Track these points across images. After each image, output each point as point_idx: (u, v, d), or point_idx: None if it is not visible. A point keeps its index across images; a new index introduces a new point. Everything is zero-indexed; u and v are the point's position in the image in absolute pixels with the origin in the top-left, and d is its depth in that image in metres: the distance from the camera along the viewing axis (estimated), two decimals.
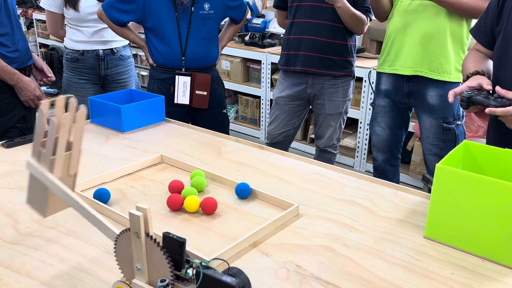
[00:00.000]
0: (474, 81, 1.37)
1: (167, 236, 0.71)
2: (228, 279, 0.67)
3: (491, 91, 1.31)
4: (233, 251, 0.97)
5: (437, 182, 0.99)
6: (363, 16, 2.22)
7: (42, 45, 5.58)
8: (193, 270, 0.71)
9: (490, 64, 1.51)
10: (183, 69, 2.14)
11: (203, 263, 0.71)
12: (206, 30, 2.13)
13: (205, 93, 2.15)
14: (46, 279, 0.89)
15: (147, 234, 0.70)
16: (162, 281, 0.71)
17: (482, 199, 0.93)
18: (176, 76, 2.12)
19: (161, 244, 0.70)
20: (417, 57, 2.07)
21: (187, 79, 2.12)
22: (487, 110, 1.24)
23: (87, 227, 1.07)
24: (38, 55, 2.67)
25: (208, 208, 1.13)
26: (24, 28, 5.81)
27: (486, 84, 1.34)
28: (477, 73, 1.42)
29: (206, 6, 2.09)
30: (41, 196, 0.84)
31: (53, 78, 2.19)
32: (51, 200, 0.84)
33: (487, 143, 1.60)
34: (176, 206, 1.15)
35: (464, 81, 1.44)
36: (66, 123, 0.80)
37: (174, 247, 0.71)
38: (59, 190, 0.79)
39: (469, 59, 1.56)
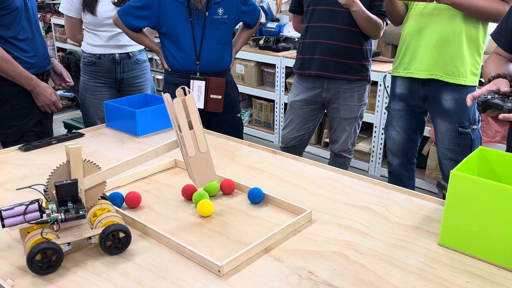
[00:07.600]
0: (494, 85, 1.34)
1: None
2: None
3: (508, 94, 1.29)
4: (245, 256, 0.97)
5: (451, 189, 0.98)
6: (379, 20, 2.20)
7: (60, 49, 5.68)
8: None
9: (511, 67, 1.48)
10: (198, 74, 2.15)
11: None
12: (220, 35, 2.14)
13: (219, 97, 2.16)
14: (62, 283, 0.90)
15: None
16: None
17: (498, 206, 0.92)
18: (191, 81, 2.13)
19: None
20: (432, 60, 2.04)
21: (202, 83, 2.13)
22: (500, 116, 1.22)
23: None
24: (56, 59, 2.70)
25: (228, 188, 1.27)
26: (42, 33, 5.91)
27: (504, 86, 1.31)
28: (498, 76, 1.39)
29: (220, 11, 2.10)
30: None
31: (72, 83, 2.22)
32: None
33: (508, 148, 1.57)
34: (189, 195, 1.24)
35: (485, 84, 1.42)
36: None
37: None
38: None
39: (490, 62, 1.53)
